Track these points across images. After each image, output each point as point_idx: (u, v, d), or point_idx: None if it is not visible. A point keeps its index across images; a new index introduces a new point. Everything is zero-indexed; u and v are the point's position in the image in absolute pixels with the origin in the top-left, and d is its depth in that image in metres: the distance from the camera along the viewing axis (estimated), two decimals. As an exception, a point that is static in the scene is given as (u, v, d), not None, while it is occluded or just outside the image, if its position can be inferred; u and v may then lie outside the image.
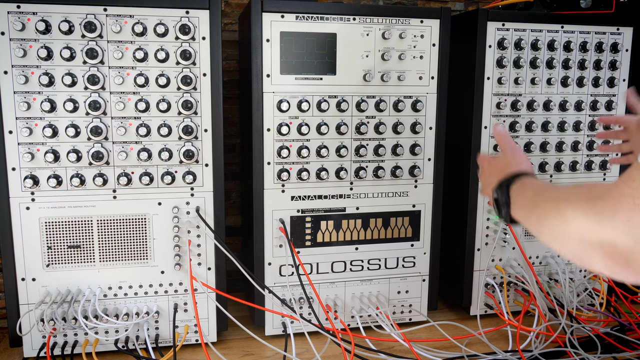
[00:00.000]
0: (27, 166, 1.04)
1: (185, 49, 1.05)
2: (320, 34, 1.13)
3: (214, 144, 1.11)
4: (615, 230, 0.51)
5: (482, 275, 1.31)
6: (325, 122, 1.16)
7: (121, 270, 1.11)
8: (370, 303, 1.23)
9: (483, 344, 1.18)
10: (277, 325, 1.22)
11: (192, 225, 1.13)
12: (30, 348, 1.09)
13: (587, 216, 0.55)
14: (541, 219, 0.64)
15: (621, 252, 0.51)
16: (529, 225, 0.70)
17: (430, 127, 1.22)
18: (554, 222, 0.61)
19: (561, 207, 0.59)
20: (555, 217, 0.60)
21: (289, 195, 1.18)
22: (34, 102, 1.02)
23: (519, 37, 1.23)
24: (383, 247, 1.25)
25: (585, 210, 0.55)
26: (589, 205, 0.55)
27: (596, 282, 1.38)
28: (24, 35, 1.00)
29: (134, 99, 1.06)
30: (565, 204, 0.59)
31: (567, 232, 0.58)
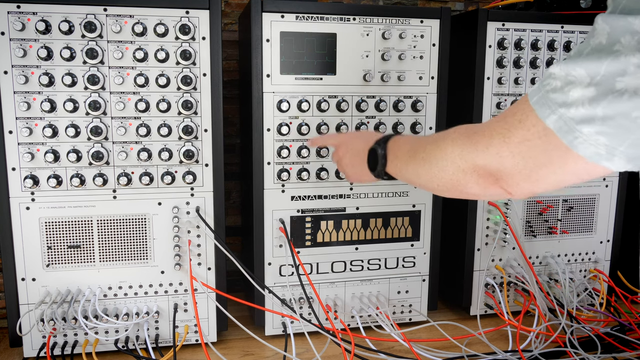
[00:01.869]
0: (27, 166, 1.04)
1: (185, 49, 1.05)
2: (320, 34, 1.13)
3: (214, 144, 1.11)
4: (487, 159, 0.63)
5: (482, 275, 1.31)
6: (325, 122, 1.16)
7: (121, 270, 1.11)
8: (370, 303, 1.23)
9: (483, 344, 1.18)
10: (277, 325, 1.22)
11: (192, 225, 1.13)
12: (30, 348, 1.10)
13: (463, 147, 0.66)
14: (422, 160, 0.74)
15: (492, 173, 0.64)
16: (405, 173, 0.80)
17: (430, 127, 1.22)
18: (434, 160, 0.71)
19: (440, 144, 0.71)
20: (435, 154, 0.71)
21: (289, 195, 1.18)
22: (34, 102, 1.02)
23: (519, 37, 1.23)
24: (383, 247, 1.25)
25: (464, 142, 0.67)
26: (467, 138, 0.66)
27: (596, 282, 1.38)
28: (24, 35, 1.00)
29: (134, 99, 1.06)
30: (444, 141, 0.70)
31: (444, 165, 0.69)
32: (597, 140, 0.53)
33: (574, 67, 0.54)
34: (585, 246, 1.39)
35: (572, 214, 1.36)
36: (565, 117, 0.54)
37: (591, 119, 0.53)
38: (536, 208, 1.33)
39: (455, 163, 0.68)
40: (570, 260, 1.38)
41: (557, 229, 1.35)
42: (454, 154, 0.68)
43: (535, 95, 0.58)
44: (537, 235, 1.35)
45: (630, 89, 0.51)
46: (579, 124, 0.54)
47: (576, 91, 0.54)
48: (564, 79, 0.55)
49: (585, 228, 1.38)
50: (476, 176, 0.66)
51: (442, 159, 0.70)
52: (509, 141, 0.60)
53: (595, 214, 1.37)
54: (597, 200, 1.37)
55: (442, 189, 0.73)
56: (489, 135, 0.63)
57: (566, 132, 0.55)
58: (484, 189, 0.67)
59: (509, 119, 0.61)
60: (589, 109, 0.53)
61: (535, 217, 1.34)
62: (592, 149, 0.54)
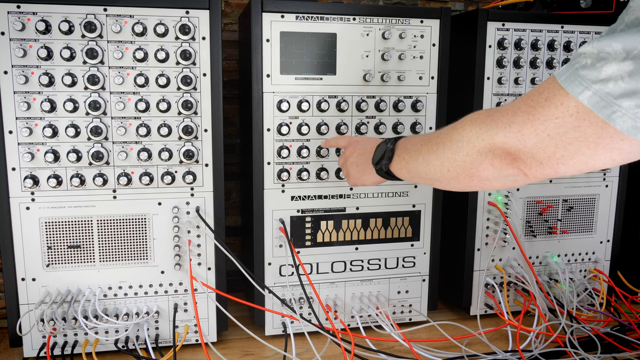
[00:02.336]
0: (27, 166, 1.04)
1: (185, 49, 1.05)
2: (320, 34, 1.13)
3: (214, 144, 1.11)
4: (508, 136, 0.62)
5: (482, 275, 1.31)
6: (325, 122, 1.16)
7: (121, 270, 1.11)
8: (370, 303, 1.23)
9: (483, 344, 1.18)
10: (277, 325, 1.22)
11: (192, 225, 1.13)
12: (30, 348, 1.10)
13: (482, 124, 0.65)
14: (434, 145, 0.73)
15: (510, 152, 0.63)
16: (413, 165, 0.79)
17: (430, 127, 1.22)
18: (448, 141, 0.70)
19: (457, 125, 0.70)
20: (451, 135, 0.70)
21: (289, 195, 1.18)
22: (34, 102, 1.02)
23: (519, 37, 1.23)
24: (383, 247, 1.25)
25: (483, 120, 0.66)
26: (487, 116, 0.65)
27: (596, 282, 1.38)
28: (24, 35, 1.00)
29: (134, 99, 1.06)
30: (461, 122, 0.70)
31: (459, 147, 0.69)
32: (636, 114, 0.53)
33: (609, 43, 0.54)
34: (585, 246, 1.39)
35: (572, 214, 1.36)
36: (602, 92, 0.54)
37: (632, 92, 0.53)
38: (536, 208, 1.33)
39: (471, 142, 0.67)
40: (570, 260, 1.38)
41: (557, 229, 1.35)
42: (470, 133, 0.67)
43: (564, 74, 0.58)
44: (537, 235, 1.35)
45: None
46: (618, 99, 0.53)
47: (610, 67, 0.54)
48: (595, 56, 0.55)
49: (585, 228, 1.38)
50: (491, 156, 0.65)
51: (457, 139, 0.69)
52: (533, 119, 0.59)
53: (595, 214, 1.38)
54: (597, 200, 1.37)
55: (451, 175, 0.72)
56: (513, 112, 0.62)
57: (603, 107, 0.54)
58: (500, 170, 0.66)
59: (535, 97, 0.60)
60: (630, 82, 0.53)
61: (535, 217, 1.34)
62: (631, 122, 0.53)
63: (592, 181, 1.36)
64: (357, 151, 0.97)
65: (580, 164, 0.60)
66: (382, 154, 0.87)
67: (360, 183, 0.99)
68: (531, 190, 1.32)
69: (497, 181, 0.68)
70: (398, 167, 0.84)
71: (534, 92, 0.61)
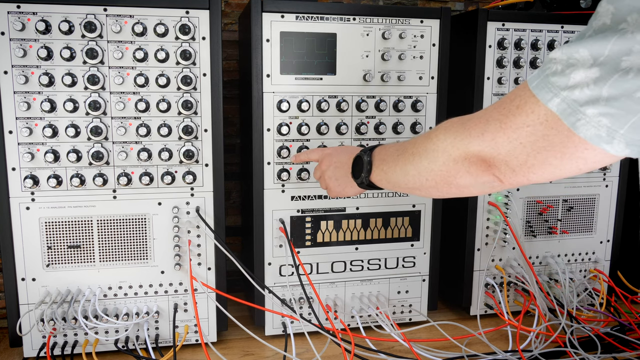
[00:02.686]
0: (27, 166, 1.04)
1: (185, 49, 1.05)
2: (320, 34, 1.13)
3: (214, 144, 1.11)
4: (482, 145, 0.62)
5: (482, 275, 1.31)
6: (325, 122, 1.16)
7: (121, 270, 1.11)
8: (370, 303, 1.23)
9: (483, 344, 1.18)
10: (277, 325, 1.22)
11: (192, 225, 1.13)
12: (30, 348, 1.10)
13: (456, 134, 0.65)
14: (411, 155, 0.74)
15: (485, 159, 0.63)
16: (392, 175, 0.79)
17: (430, 127, 1.22)
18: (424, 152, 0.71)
19: (431, 135, 0.70)
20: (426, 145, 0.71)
21: (289, 195, 1.18)
22: (34, 102, 1.02)
23: (519, 37, 1.23)
24: (383, 247, 1.25)
25: (457, 129, 0.66)
26: (460, 125, 0.66)
27: (596, 282, 1.38)
28: (24, 35, 1.00)
29: (134, 99, 1.06)
30: (435, 132, 0.70)
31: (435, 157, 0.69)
32: (599, 122, 0.53)
33: (577, 49, 0.54)
34: (585, 246, 1.39)
35: (572, 214, 1.36)
36: (569, 99, 0.54)
37: (596, 100, 0.52)
38: (536, 208, 1.33)
39: (447, 151, 0.67)
40: (570, 260, 1.38)
41: (557, 229, 1.35)
42: (445, 143, 0.67)
43: (535, 80, 0.58)
44: (537, 235, 1.35)
45: (635, 67, 0.50)
46: (583, 106, 0.53)
47: (578, 73, 0.53)
48: (565, 62, 0.55)
49: (585, 228, 1.38)
50: (467, 164, 0.65)
51: (432, 149, 0.70)
52: (505, 127, 0.60)
53: (595, 214, 1.37)
54: (597, 200, 1.37)
55: (430, 184, 0.72)
56: (485, 121, 0.62)
57: (569, 114, 0.54)
58: (476, 177, 0.66)
59: (506, 105, 0.60)
60: (594, 89, 0.52)
61: (535, 217, 1.34)
62: (594, 130, 0.53)
63: (592, 181, 1.36)
64: (333, 164, 0.97)
65: (549, 173, 0.60)
66: (361, 167, 0.87)
67: (342, 195, 0.98)
68: (531, 190, 1.32)
69: (475, 188, 0.69)
70: (378, 178, 0.84)
71: (506, 100, 0.61)
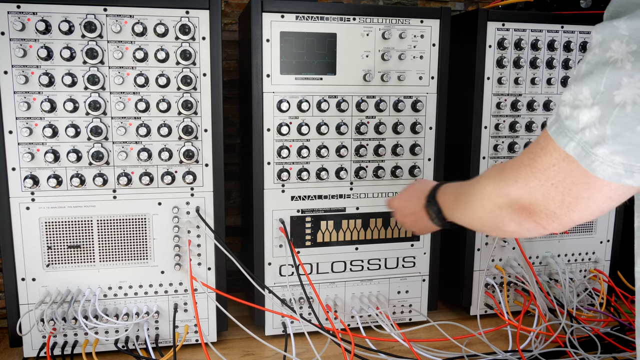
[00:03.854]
0: (27, 166, 1.04)
1: (185, 49, 1.05)
2: (320, 34, 1.13)
3: (214, 144, 1.11)
4: (518, 191, 0.63)
5: (482, 275, 1.31)
6: (325, 122, 1.16)
7: (121, 270, 1.11)
8: (370, 303, 1.23)
9: (483, 344, 1.18)
10: (277, 325, 1.22)
11: (192, 225, 1.13)
12: (30, 348, 1.10)
13: (496, 182, 0.67)
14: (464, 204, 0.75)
15: (525, 206, 0.63)
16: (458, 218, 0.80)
17: (430, 127, 1.22)
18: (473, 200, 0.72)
19: (476, 184, 0.72)
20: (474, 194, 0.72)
21: (289, 195, 1.18)
22: (34, 102, 1.02)
23: (519, 37, 1.23)
24: (383, 247, 1.25)
25: (495, 177, 0.67)
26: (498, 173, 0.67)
27: (596, 282, 1.38)
28: (24, 35, 1.00)
29: (134, 99, 1.06)
30: (479, 181, 0.72)
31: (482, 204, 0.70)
32: (613, 161, 0.53)
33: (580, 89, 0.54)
34: (585, 246, 1.39)
35: (572, 214, 1.35)
36: (582, 142, 0.54)
37: (602, 140, 0.52)
38: (536, 208, 1.33)
39: (492, 200, 0.67)
40: (570, 260, 1.38)
41: (557, 229, 1.35)
42: (488, 191, 0.68)
43: (553, 125, 0.58)
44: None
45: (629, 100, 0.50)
46: (594, 147, 0.53)
47: (583, 114, 0.53)
48: (572, 104, 0.55)
49: (585, 228, 1.38)
50: (510, 211, 0.65)
51: (479, 198, 0.70)
52: (535, 170, 0.60)
53: (595, 214, 1.37)
54: (597, 200, 1.37)
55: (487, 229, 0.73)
56: (517, 167, 0.63)
57: (584, 157, 0.54)
58: (519, 225, 0.66)
59: (533, 149, 0.61)
60: (600, 128, 0.52)
61: (535, 217, 1.33)
62: (610, 169, 0.53)
63: (592, 181, 1.35)
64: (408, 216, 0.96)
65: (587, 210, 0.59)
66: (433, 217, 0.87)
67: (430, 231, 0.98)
68: (531, 190, 1.31)
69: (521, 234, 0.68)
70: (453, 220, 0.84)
71: (533, 144, 0.62)
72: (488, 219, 0.70)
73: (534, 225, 0.64)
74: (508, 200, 0.65)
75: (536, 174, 0.60)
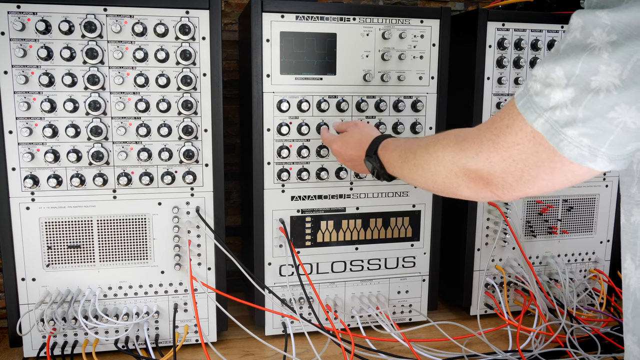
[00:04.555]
0: (27, 166, 1.04)
1: (185, 49, 1.05)
2: (320, 34, 1.13)
3: (214, 144, 1.11)
4: (478, 164, 0.65)
5: (482, 275, 1.31)
6: (325, 122, 1.16)
7: (121, 270, 1.11)
8: (370, 303, 1.23)
9: (483, 344, 1.18)
10: (277, 325, 1.22)
11: (192, 225, 1.13)
12: (30, 348, 1.10)
13: (454, 153, 0.68)
14: (414, 166, 0.77)
15: (483, 177, 0.65)
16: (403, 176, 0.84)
17: (430, 127, 1.22)
18: (426, 165, 0.74)
19: (430, 150, 0.73)
20: (427, 160, 0.74)
21: (289, 195, 1.18)
22: (34, 102, 1.02)
23: (519, 37, 1.23)
24: (383, 247, 1.25)
25: (453, 149, 0.68)
26: (456, 144, 0.68)
27: (596, 282, 1.38)
28: (24, 35, 1.00)
29: (134, 99, 1.06)
30: (434, 147, 0.73)
31: (437, 170, 0.72)
32: (580, 142, 0.54)
33: (553, 68, 0.55)
34: (585, 246, 1.39)
35: (572, 214, 1.36)
36: (552, 120, 0.55)
37: (573, 121, 0.54)
38: (536, 208, 1.33)
39: (447, 167, 0.70)
40: (570, 260, 1.38)
41: (557, 229, 1.35)
42: (445, 160, 0.70)
43: (521, 99, 0.59)
44: (537, 235, 1.35)
45: (603, 87, 0.51)
46: (564, 127, 0.55)
47: (556, 93, 0.55)
48: (543, 82, 0.56)
49: (585, 228, 1.38)
50: (467, 180, 0.68)
51: (435, 164, 0.72)
52: (498, 147, 0.62)
53: (595, 214, 1.38)
54: (597, 200, 1.37)
55: (438, 191, 0.75)
56: (479, 142, 0.64)
57: (553, 135, 0.56)
58: (475, 192, 0.68)
59: (497, 124, 0.62)
60: (572, 110, 0.54)
61: (535, 217, 1.34)
62: (577, 150, 0.55)
63: (592, 181, 1.36)
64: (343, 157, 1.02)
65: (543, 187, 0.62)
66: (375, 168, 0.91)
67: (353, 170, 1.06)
68: (531, 190, 1.31)
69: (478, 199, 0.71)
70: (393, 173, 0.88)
71: (497, 119, 0.63)
72: (442, 183, 0.72)
73: (489, 194, 0.67)
74: (466, 170, 0.67)
75: (499, 150, 0.61)
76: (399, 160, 0.83)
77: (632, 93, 0.50)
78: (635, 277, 0.66)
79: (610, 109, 0.52)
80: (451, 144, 0.69)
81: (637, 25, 0.49)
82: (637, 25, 0.49)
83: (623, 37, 0.50)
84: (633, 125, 0.52)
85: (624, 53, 0.50)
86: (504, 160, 0.61)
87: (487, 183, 0.65)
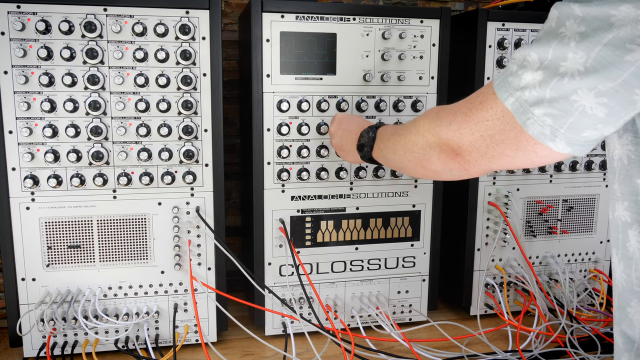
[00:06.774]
0: (27, 166, 1.04)
1: (185, 49, 1.05)
2: (320, 34, 1.13)
3: (214, 144, 1.11)
4: (449, 134, 0.70)
5: (482, 275, 1.31)
6: (325, 122, 1.16)
7: (121, 270, 1.11)
8: (370, 303, 1.23)
9: (483, 344, 1.18)
10: (277, 325, 1.22)
11: (192, 225, 1.13)
12: (30, 348, 1.10)
13: (432, 121, 0.73)
14: (399, 136, 0.82)
15: (452, 148, 0.70)
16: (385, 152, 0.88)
17: (430, 127, 1.22)
18: (408, 134, 0.79)
19: (415, 120, 0.79)
20: (410, 129, 0.79)
21: (289, 195, 1.18)
22: (34, 102, 1.02)
23: (519, 37, 1.23)
24: (383, 247, 1.25)
25: (432, 117, 0.74)
26: (435, 114, 0.74)
27: (596, 282, 1.38)
28: (24, 35, 1.00)
29: (134, 99, 1.06)
30: (419, 118, 0.78)
31: (415, 140, 0.76)
32: (544, 122, 0.59)
33: (529, 52, 0.59)
34: (585, 246, 1.39)
35: (572, 214, 1.36)
36: (521, 99, 0.60)
37: (541, 101, 0.58)
38: (536, 208, 1.33)
39: (425, 137, 0.74)
40: (570, 260, 1.38)
41: (557, 229, 1.35)
42: (424, 128, 0.75)
43: (498, 79, 0.63)
44: (537, 235, 1.35)
45: (569, 72, 0.56)
46: (532, 106, 0.59)
47: (527, 75, 0.59)
48: (520, 64, 0.60)
49: (585, 228, 1.38)
50: (439, 151, 0.72)
51: (414, 133, 0.77)
52: (469, 120, 0.66)
53: (595, 214, 1.38)
54: (597, 200, 1.37)
55: (411, 165, 0.80)
56: (453, 113, 0.69)
57: (521, 113, 0.60)
58: (444, 163, 0.72)
59: (473, 100, 0.67)
60: (540, 91, 0.58)
61: (535, 217, 1.34)
62: (540, 129, 0.59)
63: (592, 181, 1.36)
64: (341, 130, 1.04)
65: (506, 164, 0.66)
66: (365, 142, 0.94)
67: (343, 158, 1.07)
68: (531, 190, 1.32)
69: (444, 174, 0.75)
70: (377, 154, 0.92)
71: (474, 95, 0.67)
72: (417, 155, 0.77)
73: (457, 167, 0.71)
74: (438, 139, 0.71)
75: (469, 123, 0.66)
76: (390, 133, 0.87)
77: (592, 79, 0.55)
78: (619, 269, 0.69)
79: (573, 92, 0.56)
80: (432, 113, 0.75)
81: (603, 18, 0.54)
82: (603, 19, 0.54)
83: (590, 28, 0.54)
84: (590, 110, 0.56)
85: (588, 43, 0.54)
86: (472, 133, 0.66)
87: (456, 154, 0.70)
